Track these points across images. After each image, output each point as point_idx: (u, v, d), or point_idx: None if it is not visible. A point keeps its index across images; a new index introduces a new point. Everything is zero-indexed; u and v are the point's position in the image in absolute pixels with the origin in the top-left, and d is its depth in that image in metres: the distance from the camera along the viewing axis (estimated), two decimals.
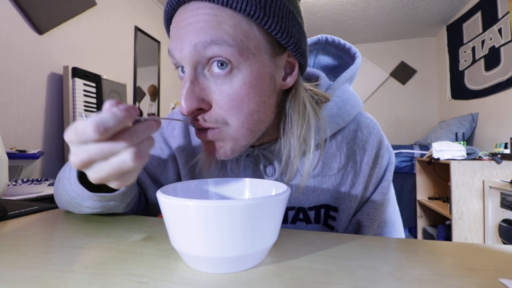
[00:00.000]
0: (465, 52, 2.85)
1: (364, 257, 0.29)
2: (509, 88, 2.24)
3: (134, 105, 0.30)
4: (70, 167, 0.39)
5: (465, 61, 2.84)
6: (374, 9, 2.99)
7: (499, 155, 1.83)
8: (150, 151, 0.31)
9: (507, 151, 1.97)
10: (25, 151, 1.40)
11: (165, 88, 2.99)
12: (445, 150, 1.94)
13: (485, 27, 2.50)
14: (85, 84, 1.80)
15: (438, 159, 1.98)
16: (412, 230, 2.57)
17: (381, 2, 2.84)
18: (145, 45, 2.67)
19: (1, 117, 1.45)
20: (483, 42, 2.54)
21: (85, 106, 1.79)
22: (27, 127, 1.58)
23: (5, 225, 0.39)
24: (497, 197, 1.66)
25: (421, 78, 3.72)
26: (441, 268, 0.26)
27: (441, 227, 2.14)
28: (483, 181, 1.77)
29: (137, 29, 2.52)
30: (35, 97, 1.62)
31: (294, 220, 0.48)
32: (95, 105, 1.87)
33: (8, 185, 1.17)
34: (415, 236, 2.46)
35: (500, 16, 2.31)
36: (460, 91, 2.97)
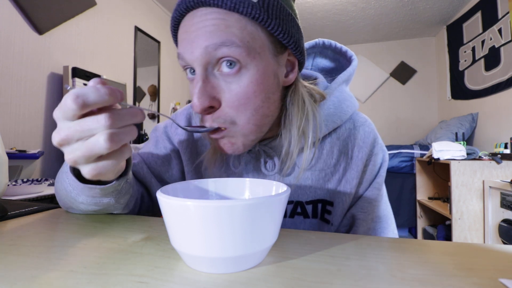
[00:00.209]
0: (465, 52, 2.85)
1: (364, 257, 0.29)
2: (509, 88, 2.24)
3: (121, 90, 0.30)
4: None
5: (465, 61, 2.84)
6: (374, 9, 2.99)
7: (499, 155, 1.83)
8: (129, 138, 0.30)
9: (507, 151, 1.97)
10: (25, 151, 1.40)
11: (165, 88, 2.99)
12: (445, 150, 1.94)
13: (485, 27, 2.50)
14: (85, 84, 1.79)
15: (438, 159, 1.98)
16: (412, 230, 2.57)
17: (381, 2, 2.84)
18: (145, 45, 2.67)
19: (1, 117, 1.45)
20: (483, 42, 2.54)
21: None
22: (27, 127, 1.58)
23: (5, 225, 0.39)
24: (497, 197, 1.66)
25: (421, 78, 3.72)
26: (441, 268, 0.26)
27: (441, 227, 2.14)
28: (483, 181, 1.77)
29: (137, 29, 2.52)
30: (35, 97, 1.62)
31: (292, 214, 0.50)
32: None
33: (8, 185, 1.17)
34: (415, 236, 2.46)
35: (500, 16, 2.31)
36: (460, 91, 2.97)
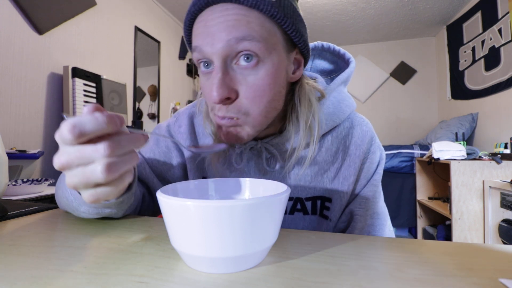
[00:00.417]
0: (465, 52, 2.85)
1: (364, 257, 0.29)
2: (509, 88, 2.24)
3: (121, 115, 0.29)
4: None
5: (465, 61, 2.84)
6: (374, 9, 2.99)
7: (499, 155, 1.83)
8: (129, 167, 0.28)
9: (507, 151, 1.97)
10: (25, 151, 1.40)
11: (165, 88, 2.99)
12: (445, 150, 1.94)
13: (485, 27, 2.50)
14: (85, 84, 1.80)
15: (438, 159, 1.98)
16: (412, 230, 2.57)
17: (381, 2, 2.84)
18: (145, 45, 2.67)
19: (1, 117, 1.45)
20: (483, 42, 2.54)
21: (85, 106, 1.78)
22: (27, 127, 1.58)
23: (5, 225, 0.39)
24: (497, 197, 1.66)
25: (421, 78, 3.72)
26: (441, 268, 0.26)
27: (441, 227, 2.14)
28: (483, 181, 1.77)
29: (137, 29, 2.52)
30: (35, 97, 1.62)
31: (292, 211, 0.51)
32: None
33: (8, 185, 1.17)
34: (415, 236, 2.46)
35: (500, 16, 2.31)
36: (460, 91, 2.97)
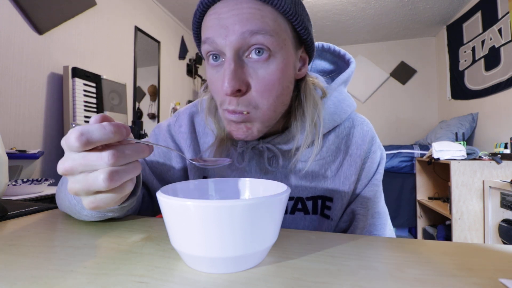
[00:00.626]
0: (465, 52, 2.85)
1: (364, 257, 0.29)
2: (509, 88, 2.24)
3: (126, 125, 0.30)
4: None
5: (465, 61, 2.84)
6: (374, 9, 2.99)
7: (499, 155, 1.83)
8: (131, 176, 0.29)
9: (507, 151, 1.97)
10: (25, 151, 1.40)
11: (165, 88, 2.99)
12: (445, 150, 1.94)
13: (485, 27, 2.50)
14: (85, 84, 1.80)
15: (438, 159, 1.98)
16: (412, 230, 2.57)
17: (381, 2, 2.84)
18: (145, 45, 2.67)
19: (1, 117, 1.45)
20: (483, 42, 2.54)
21: (85, 106, 1.79)
22: (27, 127, 1.58)
23: (5, 225, 0.39)
24: (497, 197, 1.66)
25: (421, 78, 3.72)
26: (441, 268, 0.26)
27: (441, 227, 2.14)
28: (483, 181, 1.77)
29: (137, 29, 2.52)
30: (35, 97, 1.62)
31: (293, 211, 0.51)
32: (95, 105, 1.87)
33: (8, 185, 1.17)
34: (415, 236, 2.46)
35: (500, 16, 2.31)
36: (460, 91, 2.97)
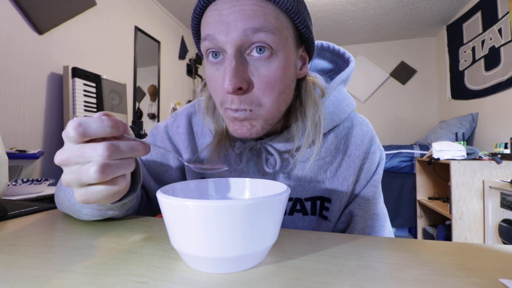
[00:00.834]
0: (465, 52, 2.85)
1: (364, 257, 0.29)
2: (509, 88, 2.24)
3: (125, 123, 0.30)
4: None
5: (465, 61, 2.84)
6: (374, 9, 2.99)
7: (499, 155, 1.83)
8: (123, 172, 0.29)
9: (507, 151, 1.97)
10: (25, 151, 1.40)
11: (165, 88, 2.99)
12: (445, 150, 1.94)
13: (485, 27, 2.50)
14: (85, 84, 1.80)
15: (438, 159, 1.98)
16: (412, 230, 2.57)
17: (381, 2, 2.84)
18: (145, 45, 2.67)
19: (1, 117, 1.45)
20: (483, 42, 2.54)
21: (85, 106, 1.79)
22: (27, 127, 1.58)
23: (5, 225, 0.39)
24: (497, 197, 1.66)
25: (421, 78, 3.72)
26: (441, 268, 0.26)
27: (441, 227, 2.14)
28: (483, 181, 1.77)
29: (137, 29, 2.52)
30: (35, 97, 1.62)
31: (291, 212, 0.50)
32: (95, 105, 1.87)
33: (8, 185, 1.17)
34: (415, 236, 2.46)
35: (500, 16, 2.31)
36: (460, 91, 2.97)
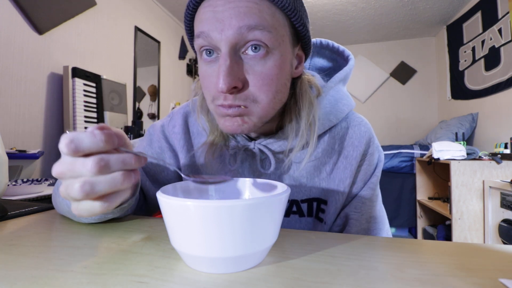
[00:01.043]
0: (465, 52, 2.85)
1: (364, 257, 0.29)
2: (509, 88, 2.24)
3: (122, 133, 0.29)
4: None
5: (465, 61, 2.84)
6: (374, 9, 2.99)
7: (499, 155, 1.83)
8: (113, 189, 0.28)
9: (507, 151, 1.97)
10: (25, 151, 1.40)
11: (165, 88, 2.99)
12: (445, 150, 1.94)
13: (485, 27, 2.50)
14: (85, 84, 1.80)
15: (438, 159, 1.98)
16: (412, 230, 2.57)
17: (381, 2, 2.84)
18: (145, 45, 2.67)
19: (1, 117, 1.45)
20: (483, 42, 2.54)
21: (85, 106, 1.79)
22: (27, 127, 1.58)
23: (5, 225, 0.39)
24: (497, 197, 1.66)
25: (421, 78, 3.72)
26: (441, 268, 0.26)
27: (441, 227, 2.14)
28: (483, 181, 1.77)
29: (137, 29, 2.52)
30: (35, 97, 1.62)
31: (288, 213, 0.50)
32: (95, 105, 1.87)
33: (8, 185, 1.17)
34: (415, 236, 2.46)
35: (500, 16, 2.31)
36: (460, 91, 2.97)
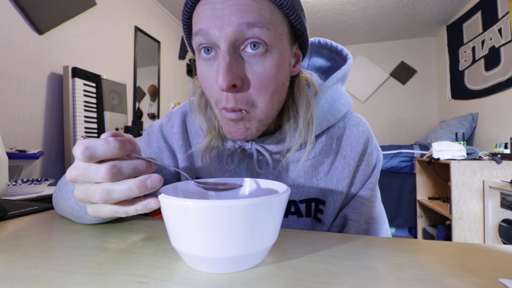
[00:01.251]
0: (465, 52, 2.85)
1: (364, 257, 0.29)
2: (509, 88, 2.24)
3: (133, 139, 0.30)
4: None
5: (465, 61, 2.84)
6: (374, 9, 2.99)
7: (499, 155, 1.83)
8: (125, 198, 0.28)
9: (507, 151, 1.97)
10: (25, 151, 1.40)
11: (165, 88, 2.99)
12: (445, 150, 1.94)
13: (485, 27, 2.50)
14: (85, 84, 1.80)
15: (438, 159, 1.98)
16: (412, 230, 2.57)
17: (381, 2, 2.84)
18: (145, 45, 2.67)
19: (1, 117, 1.45)
20: (483, 42, 2.54)
21: (85, 106, 1.79)
22: (27, 127, 1.58)
23: (5, 225, 0.39)
24: (497, 197, 1.66)
25: (421, 78, 3.72)
26: (441, 268, 0.26)
27: (441, 227, 2.14)
28: (483, 181, 1.77)
29: (137, 29, 2.52)
30: (35, 97, 1.62)
31: (286, 214, 0.49)
32: (95, 105, 1.87)
33: (8, 185, 1.17)
34: (415, 236, 2.46)
35: (500, 16, 2.31)
36: (460, 91, 2.97)
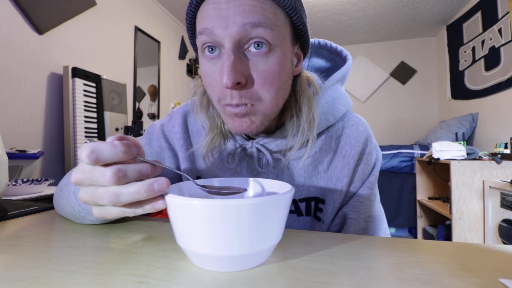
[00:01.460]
0: (465, 52, 2.85)
1: (364, 257, 0.29)
2: (509, 88, 2.24)
3: (138, 143, 0.30)
4: None
5: (465, 61, 2.84)
6: (374, 9, 2.99)
7: (499, 155, 1.83)
8: (132, 200, 0.28)
9: (507, 151, 1.97)
10: (25, 151, 1.40)
11: (165, 88, 2.99)
12: (445, 150, 1.94)
13: (485, 27, 2.50)
14: (85, 84, 1.80)
15: (438, 159, 1.98)
16: (412, 230, 2.57)
17: (381, 2, 2.84)
18: (145, 45, 2.67)
19: (1, 117, 1.45)
20: (483, 42, 2.54)
21: (85, 106, 1.79)
22: (27, 127, 1.58)
23: (5, 225, 0.39)
24: (497, 197, 1.66)
25: (421, 78, 3.72)
26: (441, 268, 0.26)
27: (441, 227, 2.14)
28: (483, 181, 1.77)
29: (137, 29, 2.52)
30: (35, 97, 1.62)
31: None
32: (95, 105, 1.87)
33: (8, 185, 1.17)
34: (415, 236, 2.46)
35: (500, 16, 2.31)
36: (460, 91, 2.97)
